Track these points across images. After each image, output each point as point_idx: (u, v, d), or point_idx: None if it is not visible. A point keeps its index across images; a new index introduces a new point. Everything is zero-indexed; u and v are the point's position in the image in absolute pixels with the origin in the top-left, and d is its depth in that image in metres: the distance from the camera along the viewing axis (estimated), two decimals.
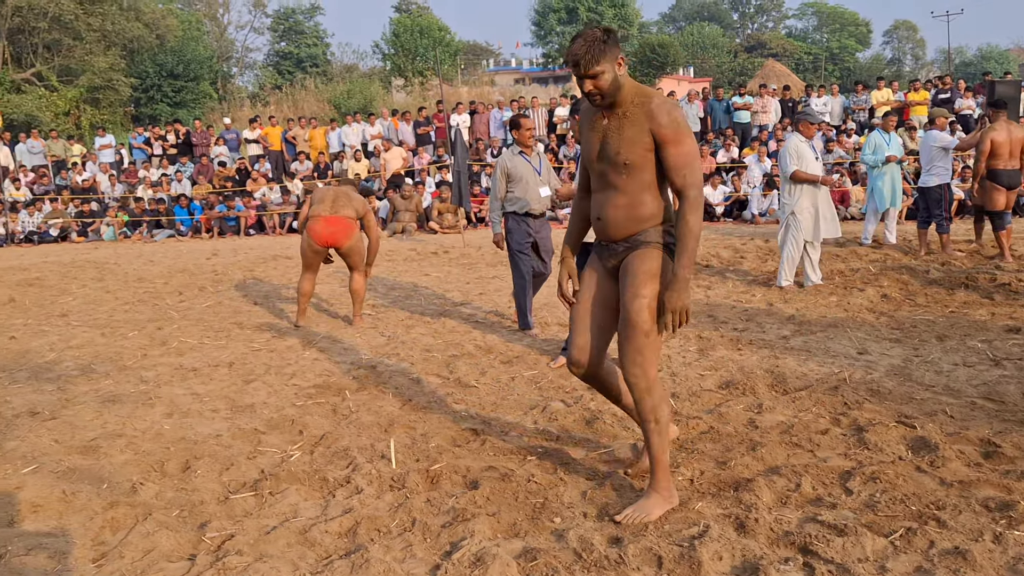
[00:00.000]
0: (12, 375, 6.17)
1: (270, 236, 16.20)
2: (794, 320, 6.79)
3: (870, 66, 59.53)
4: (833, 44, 60.58)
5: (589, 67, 3.17)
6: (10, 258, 14.14)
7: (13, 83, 32.09)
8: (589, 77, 3.20)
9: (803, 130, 8.00)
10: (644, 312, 3.29)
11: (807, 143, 7.98)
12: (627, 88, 3.28)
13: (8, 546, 3.32)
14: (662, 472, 3.44)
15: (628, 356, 3.34)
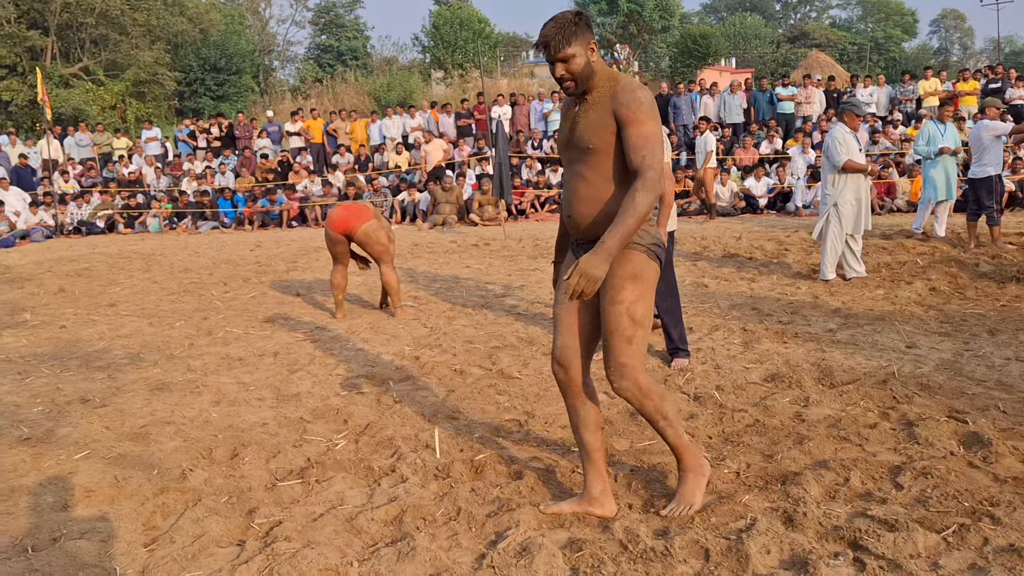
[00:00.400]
0: (63, 363, 6.29)
1: (312, 228, 16.33)
2: (840, 313, 6.69)
3: (916, 56, 58.51)
4: (878, 34, 59.56)
5: (559, 50, 3.05)
6: (60, 249, 14.41)
7: (62, 78, 32.64)
8: (560, 61, 3.08)
9: (848, 121, 7.88)
10: (623, 319, 3.15)
11: (852, 134, 7.86)
12: (600, 74, 3.15)
13: (62, 530, 3.40)
14: (686, 453, 3.38)
15: (613, 368, 3.21)
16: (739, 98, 18.06)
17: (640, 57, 43.47)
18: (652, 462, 3.85)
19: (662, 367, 5.45)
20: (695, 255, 10.09)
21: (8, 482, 3.96)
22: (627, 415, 4.55)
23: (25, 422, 4.85)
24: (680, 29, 40.62)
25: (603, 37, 39.65)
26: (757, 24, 55.54)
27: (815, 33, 56.08)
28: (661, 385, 3.18)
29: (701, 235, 11.78)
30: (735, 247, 10.48)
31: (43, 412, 5.05)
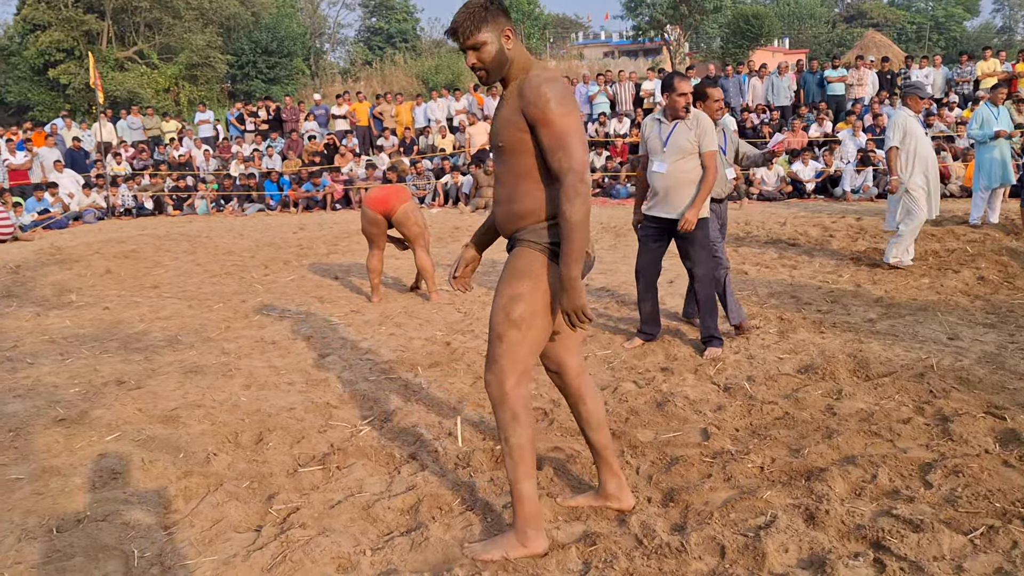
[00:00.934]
0: (103, 345, 6.40)
1: (355, 211, 16.41)
2: (882, 303, 6.52)
3: (978, 35, 56.78)
4: (939, 12, 57.82)
5: (468, 36, 2.86)
6: (110, 230, 14.70)
7: (117, 61, 33.22)
8: (471, 48, 2.89)
9: (911, 104, 7.62)
10: (498, 314, 2.97)
11: (916, 118, 7.62)
12: (517, 64, 2.93)
13: (87, 511, 3.45)
14: (518, 507, 2.98)
15: (487, 360, 3.04)
16: (787, 80, 17.69)
17: (691, 38, 42.78)
18: (675, 454, 3.79)
19: (694, 356, 5.37)
20: (737, 240, 9.92)
21: (41, 462, 4.04)
22: (653, 405, 4.49)
23: (62, 403, 4.95)
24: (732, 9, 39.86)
25: (653, 18, 39.14)
26: (812, 3, 54.34)
27: (873, 12, 54.71)
28: (529, 412, 2.96)
29: (745, 220, 11.58)
30: (779, 232, 10.28)
31: (79, 393, 5.14)
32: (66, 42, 31.64)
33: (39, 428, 4.52)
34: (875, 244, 9.10)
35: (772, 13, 40.71)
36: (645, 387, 4.80)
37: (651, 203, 5.47)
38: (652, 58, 47.55)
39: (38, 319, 7.43)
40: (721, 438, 3.96)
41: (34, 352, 6.26)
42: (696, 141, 5.23)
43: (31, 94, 32.56)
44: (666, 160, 5.30)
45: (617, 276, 8.10)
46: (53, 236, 14.35)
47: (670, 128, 5.33)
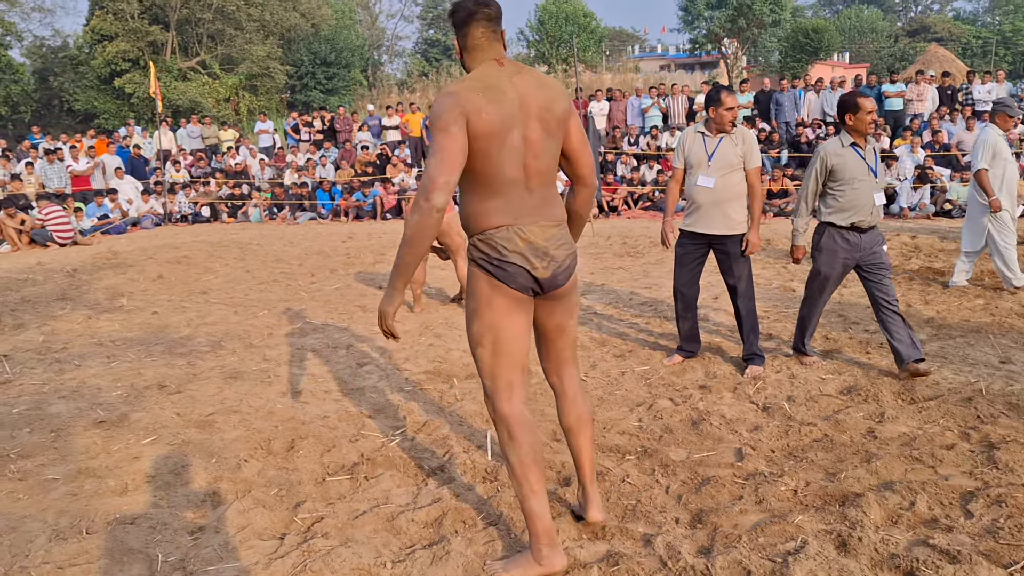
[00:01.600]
0: (149, 348, 6.52)
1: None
2: (932, 323, 6.34)
3: None
4: (1006, 27, 56.43)
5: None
6: (166, 236, 15.01)
7: (180, 71, 34.03)
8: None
9: (1000, 123, 7.33)
10: (469, 338, 3.08)
11: (1004, 137, 7.35)
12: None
13: (116, 514, 3.50)
14: (529, 525, 2.92)
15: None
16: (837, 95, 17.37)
17: (749, 52, 42.42)
18: (707, 474, 3.71)
19: (734, 374, 5.27)
20: (787, 257, 9.74)
21: (78, 463, 4.11)
22: (688, 424, 4.41)
23: (103, 405, 5.04)
24: (791, 23, 39.42)
25: (710, 31, 38.90)
26: (875, 17, 53.49)
27: (936, 26, 53.60)
28: (527, 429, 2.97)
29: None
30: None
31: (121, 396, 5.23)
32: (132, 52, 32.49)
33: (80, 429, 4.60)
34: (929, 263, 8.86)
35: (832, 27, 40.17)
36: (681, 405, 4.72)
37: (691, 218, 5.37)
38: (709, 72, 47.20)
39: (89, 322, 7.59)
40: (755, 459, 3.87)
41: (82, 354, 6.39)
42: (742, 156, 5.16)
43: (97, 102, 33.49)
44: (713, 174, 5.21)
45: (662, 291, 8.01)
46: (111, 241, 14.70)
47: (716, 142, 5.24)
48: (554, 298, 3.03)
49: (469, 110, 2.73)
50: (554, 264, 2.93)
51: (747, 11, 37.26)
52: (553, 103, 2.88)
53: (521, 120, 2.82)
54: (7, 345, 6.80)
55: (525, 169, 2.86)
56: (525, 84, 2.86)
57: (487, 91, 2.78)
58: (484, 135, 2.75)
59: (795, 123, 17.25)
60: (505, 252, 2.86)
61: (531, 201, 2.90)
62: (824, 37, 36.71)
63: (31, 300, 8.83)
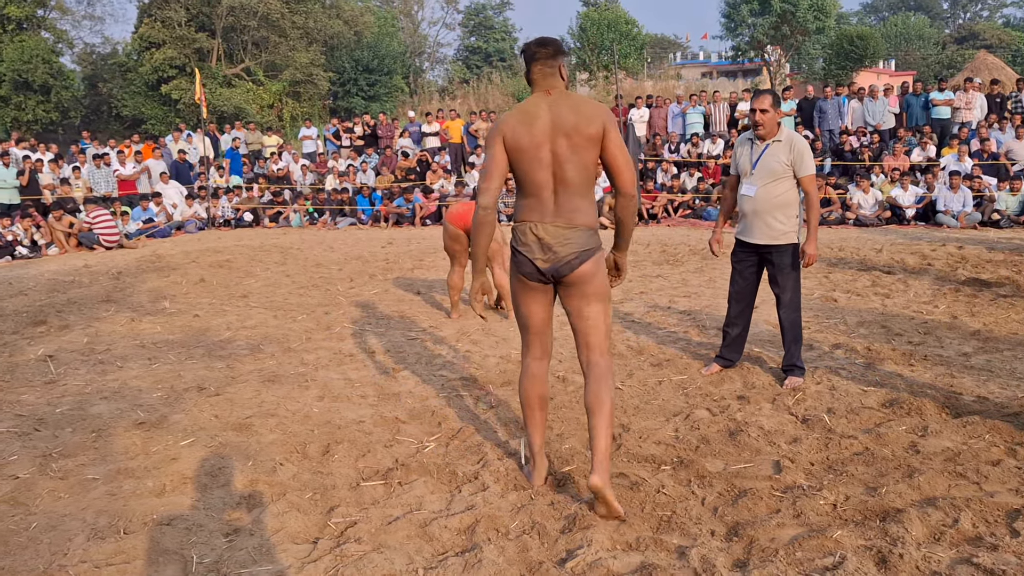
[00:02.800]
0: (189, 351, 6.59)
1: None
2: (979, 336, 6.20)
3: None
4: None
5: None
6: (209, 240, 15.21)
7: (225, 78, 34.53)
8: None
9: None
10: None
11: None
12: None
13: (153, 514, 3.53)
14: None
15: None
16: (883, 103, 17.09)
17: (792, 59, 41.93)
18: (744, 487, 3.65)
19: (773, 385, 5.19)
20: (830, 266, 9.62)
21: (118, 464, 4.17)
22: (726, 434, 4.35)
23: (143, 406, 5.10)
24: (836, 30, 38.90)
25: (753, 38, 38.53)
26: (921, 24, 52.64)
27: (986, 33, 52.56)
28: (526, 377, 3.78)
29: (839, 246, 11.22)
30: (873, 259, 9.92)
31: (161, 398, 5.29)
32: (178, 59, 33.03)
33: (120, 430, 4.67)
34: (976, 274, 8.68)
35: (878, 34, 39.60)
36: (719, 415, 4.66)
37: (740, 227, 5.33)
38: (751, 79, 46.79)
39: (132, 324, 7.71)
40: (794, 472, 3.81)
41: (124, 356, 6.49)
42: (790, 164, 5.05)
43: (145, 108, 34.09)
44: (755, 183, 5.14)
45: (701, 300, 7.94)
46: (156, 244, 14.94)
47: (761, 149, 5.16)
48: (566, 285, 3.57)
49: (505, 131, 3.49)
50: (555, 258, 3.49)
51: (791, 18, 36.83)
52: (583, 125, 3.42)
53: (550, 138, 3.45)
54: (53, 346, 6.93)
55: (553, 177, 3.49)
56: (560, 109, 3.45)
57: (522, 116, 3.49)
58: (515, 149, 3.48)
59: (839, 131, 17.02)
60: (519, 243, 3.56)
61: (554, 204, 3.50)
62: (869, 44, 36.14)
63: (77, 302, 9.00)
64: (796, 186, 5.10)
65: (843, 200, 14.54)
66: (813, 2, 36.72)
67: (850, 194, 14.59)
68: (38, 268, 12.27)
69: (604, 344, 3.62)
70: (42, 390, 5.61)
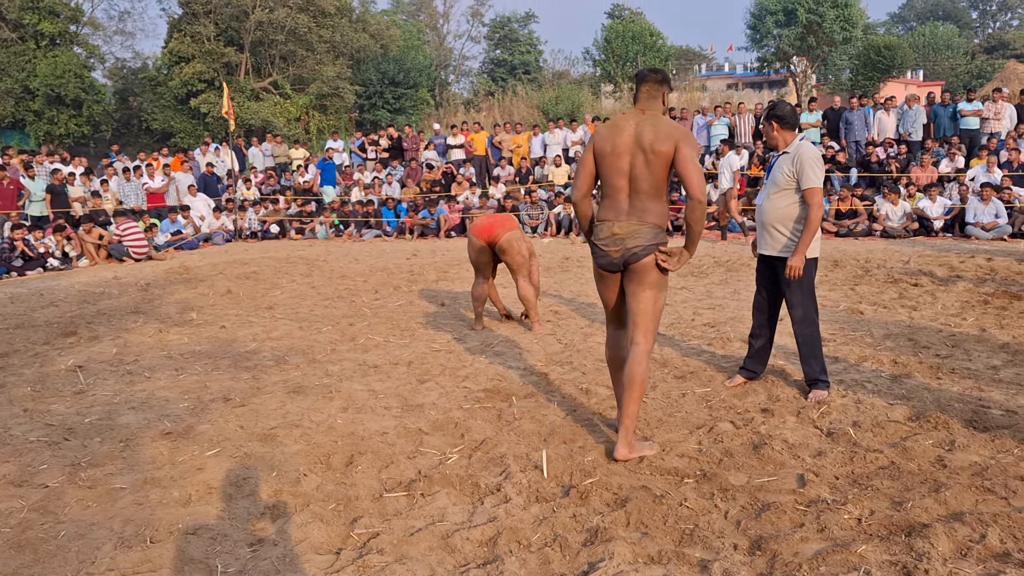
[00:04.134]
0: (216, 362, 6.66)
1: None
2: (1008, 349, 6.13)
3: None
4: None
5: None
6: (236, 252, 15.36)
7: (253, 91, 34.91)
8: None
9: None
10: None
11: None
12: None
13: (179, 524, 3.57)
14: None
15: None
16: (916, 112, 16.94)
17: (818, 70, 41.76)
18: (767, 500, 3.63)
19: (798, 398, 5.16)
20: (856, 278, 9.55)
21: (145, 473, 4.22)
22: (750, 447, 4.33)
23: (170, 416, 5.16)
24: (863, 40, 38.68)
25: (779, 49, 38.42)
26: (950, 34, 52.22)
27: (1016, 43, 52.12)
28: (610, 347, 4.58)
29: (866, 258, 11.14)
30: (900, 271, 9.83)
31: (188, 408, 5.35)
32: (207, 73, 33.44)
33: (147, 440, 4.72)
34: (1006, 287, 8.58)
35: (906, 44, 39.25)
36: (743, 428, 4.64)
37: (756, 239, 5.33)
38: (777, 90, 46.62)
39: (160, 335, 7.80)
40: (818, 485, 3.78)
41: (152, 366, 6.57)
42: (793, 175, 5.02)
43: (174, 122, 34.54)
44: (763, 192, 5.17)
45: (724, 312, 7.91)
46: (184, 256, 15.10)
47: (773, 160, 5.19)
48: (630, 271, 4.21)
49: (595, 140, 4.27)
50: (624, 249, 4.16)
51: (817, 29, 36.70)
52: (657, 143, 4.06)
53: (631, 150, 4.13)
54: (82, 356, 7.03)
55: (628, 183, 4.16)
56: (643, 128, 4.12)
57: (611, 128, 4.22)
58: (600, 155, 4.23)
59: (865, 142, 16.91)
60: (597, 238, 4.26)
61: (628, 205, 4.17)
62: (897, 54, 35.91)
63: (106, 313, 9.12)
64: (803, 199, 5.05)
65: (870, 212, 14.43)
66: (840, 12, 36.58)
67: (877, 205, 14.48)
68: (69, 280, 12.45)
69: (649, 326, 4.22)
70: (71, 400, 5.69)
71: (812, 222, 4.95)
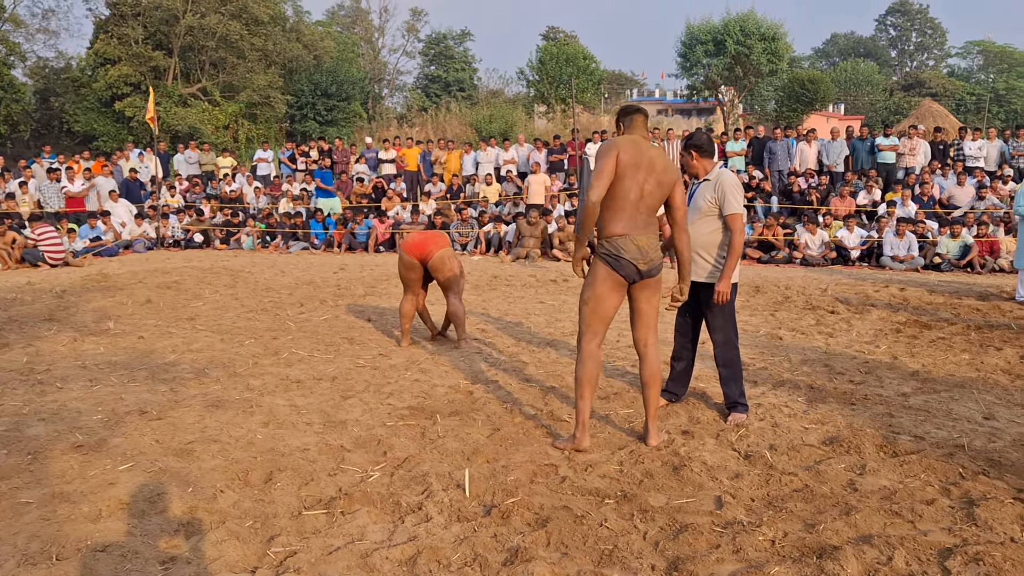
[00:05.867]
0: (132, 373, 6.48)
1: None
2: (918, 376, 6.35)
3: None
4: (999, 85, 57.24)
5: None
6: (157, 261, 14.99)
7: (180, 97, 34.19)
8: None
9: None
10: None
11: None
12: None
13: (87, 540, 3.45)
14: (576, 417, 4.74)
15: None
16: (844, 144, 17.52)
17: (745, 100, 42.81)
18: (685, 521, 3.68)
19: (718, 420, 5.26)
20: (776, 304, 9.79)
21: (53, 487, 4.07)
22: (670, 469, 4.39)
23: (82, 429, 5.00)
24: (788, 73, 39.83)
25: (708, 78, 39.26)
26: (870, 70, 54.12)
27: (931, 82, 54.31)
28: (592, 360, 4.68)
29: (786, 285, 11.44)
30: (818, 299, 10.12)
31: (101, 420, 5.19)
32: (133, 76, 32.64)
33: (57, 453, 4.56)
34: (917, 316, 8.91)
35: (828, 78, 40.55)
36: (663, 449, 4.70)
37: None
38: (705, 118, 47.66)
39: (74, 344, 7.56)
40: (735, 507, 3.86)
41: (65, 376, 6.36)
42: (715, 201, 5.14)
43: (97, 125, 33.58)
44: (689, 220, 5.25)
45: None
46: (103, 263, 14.68)
47: (693, 187, 5.32)
48: (646, 284, 4.61)
49: (620, 150, 4.43)
50: (650, 262, 4.53)
51: (744, 60, 37.64)
52: (667, 172, 4.51)
53: (645, 170, 4.45)
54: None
55: (641, 199, 4.47)
56: (654, 154, 4.50)
57: (633, 145, 4.47)
58: (627, 165, 4.42)
59: (787, 172, 17.39)
60: (621, 251, 4.48)
61: (641, 220, 4.50)
62: (820, 88, 37.06)
63: (18, 320, 8.80)
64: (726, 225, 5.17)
65: (789, 241, 14.84)
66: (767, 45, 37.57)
67: (797, 234, 14.89)
68: None
69: (657, 328, 4.76)
70: None
71: (736, 247, 5.07)
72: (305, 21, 43.24)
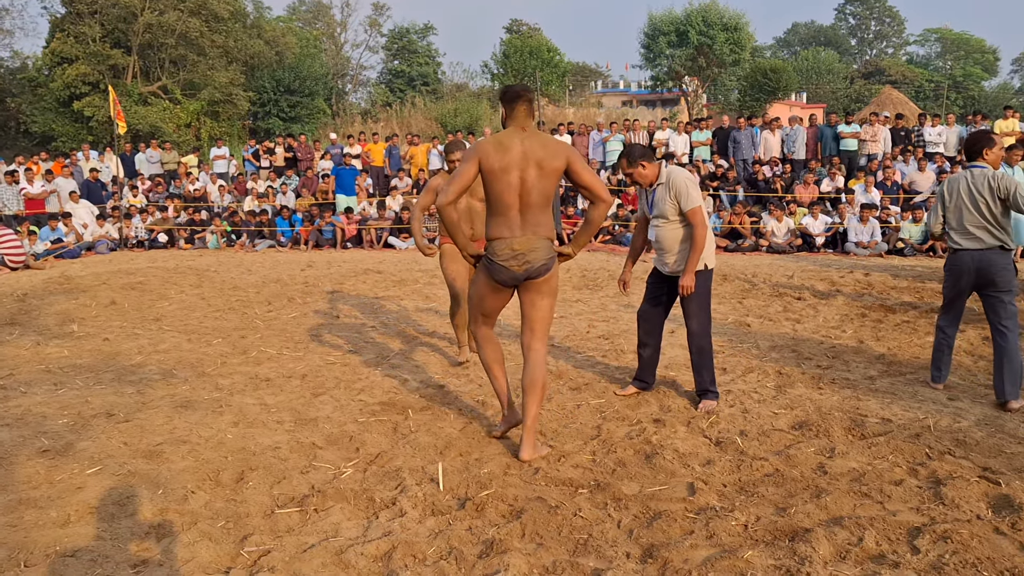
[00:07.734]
0: (98, 376, 6.39)
1: (367, 250, 16.48)
2: (883, 360, 6.44)
3: (996, 95, 56.87)
4: (957, 72, 58.14)
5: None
6: (121, 262, 14.78)
7: (141, 96, 33.68)
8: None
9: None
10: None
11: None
12: None
13: (56, 546, 3.41)
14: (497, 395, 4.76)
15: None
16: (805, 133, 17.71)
17: (709, 90, 43.09)
18: (658, 509, 3.71)
19: (688, 408, 5.30)
20: (743, 292, 9.87)
21: (19, 494, 4.01)
22: (642, 457, 4.42)
23: (48, 434, 4.92)
24: (750, 63, 40.16)
25: (672, 69, 39.47)
26: (831, 59, 54.68)
27: (890, 69, 54.98)
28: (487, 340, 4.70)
29: (752, 272, 11.54)
30: (785, 286, 10.22)
31: (67, 424, 5.11)
32: (92, 75, 32.08)
33: (22, 458, 4.49)
34: (882, 300, 9.02)
35: (790, 67, 40.96)
36: (635, 438, 4.73)
37: (654, 257, 5.48)
38: (670, 108, 47.87)
39: (38, 348, 7.44)
40: (707, 494, 3.89)
41: (29, 381, 6.25)
42: (675, 201, 5.19)
43: (55, 125, 32.99)
44: (655, 225, 5.33)
45: (618, 324, 8.05)
46: (64, 265, 14.44)
47: (651, 194, 5.37)
48: (528, 284, 4.38)
49: (481, 155, 4.21)
50: (529, 265, 4.30)
51: (707, 50, 37.90)
52: (549, 159, 4.21)
53: (519, 167, 4.18)
54: None
55: (519, 199, 4.23)
56: (532, 144, 4.21)
57: (498, 145, 4.20)
58: (488, 172, 4.21)
59: (752, 160, 17.53)
60: (497, 257, 4.30)
61: (521, 221, 4.26)
62: (782, 77, 37.43)
63: None
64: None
65: (756, 229, 14.96)
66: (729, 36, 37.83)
67: (763, 222, 15.02)
68: None
69: (545, 332, 4.49)
70: None
71: (698, 240, 5.13)
72: (266, 17, 42.83)
